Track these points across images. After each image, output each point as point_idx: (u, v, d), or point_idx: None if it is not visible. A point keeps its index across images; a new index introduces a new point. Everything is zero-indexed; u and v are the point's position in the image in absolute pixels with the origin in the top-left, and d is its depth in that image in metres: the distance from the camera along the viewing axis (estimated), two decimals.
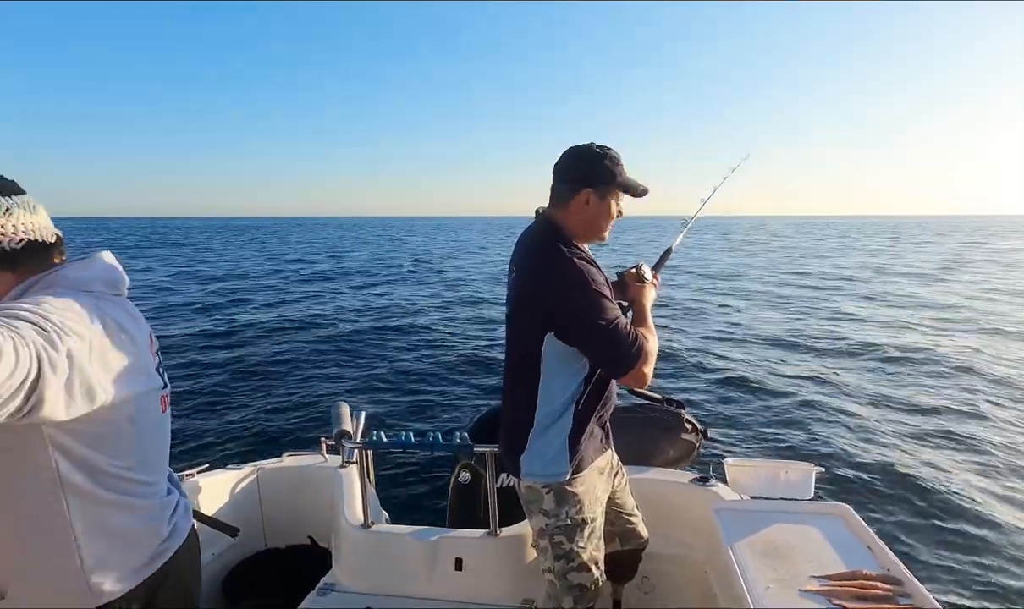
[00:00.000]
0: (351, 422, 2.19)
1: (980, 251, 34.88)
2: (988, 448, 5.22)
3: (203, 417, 6.31)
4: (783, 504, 1.81)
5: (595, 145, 1.55)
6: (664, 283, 1.86)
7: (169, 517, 1.17)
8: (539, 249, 1.56)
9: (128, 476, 1.06)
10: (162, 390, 1.15)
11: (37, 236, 1.03)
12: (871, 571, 1.43)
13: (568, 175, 1.56)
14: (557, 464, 1.55)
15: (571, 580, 1.59)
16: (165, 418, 1.17)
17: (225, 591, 2.26)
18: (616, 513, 1.83)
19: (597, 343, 1.47)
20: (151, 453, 1.12)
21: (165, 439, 1.19)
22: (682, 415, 2.33)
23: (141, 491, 1.09)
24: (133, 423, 1.05)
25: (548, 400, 1.55)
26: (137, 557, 1.09)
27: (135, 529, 1.09)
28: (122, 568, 1.06)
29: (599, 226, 1.58)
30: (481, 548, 2.00)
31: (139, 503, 1.09)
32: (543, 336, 1.50)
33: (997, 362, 8.13)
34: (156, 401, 1.12)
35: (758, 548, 1.58)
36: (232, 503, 2.35)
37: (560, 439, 1.55)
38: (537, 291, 1.51)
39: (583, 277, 1.46)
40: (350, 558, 2.12)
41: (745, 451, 5.17)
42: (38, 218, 1.05)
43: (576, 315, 1.46)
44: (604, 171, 1.53)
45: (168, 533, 1.16)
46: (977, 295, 15.36)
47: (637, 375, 1.49)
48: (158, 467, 1.16)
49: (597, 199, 1.53)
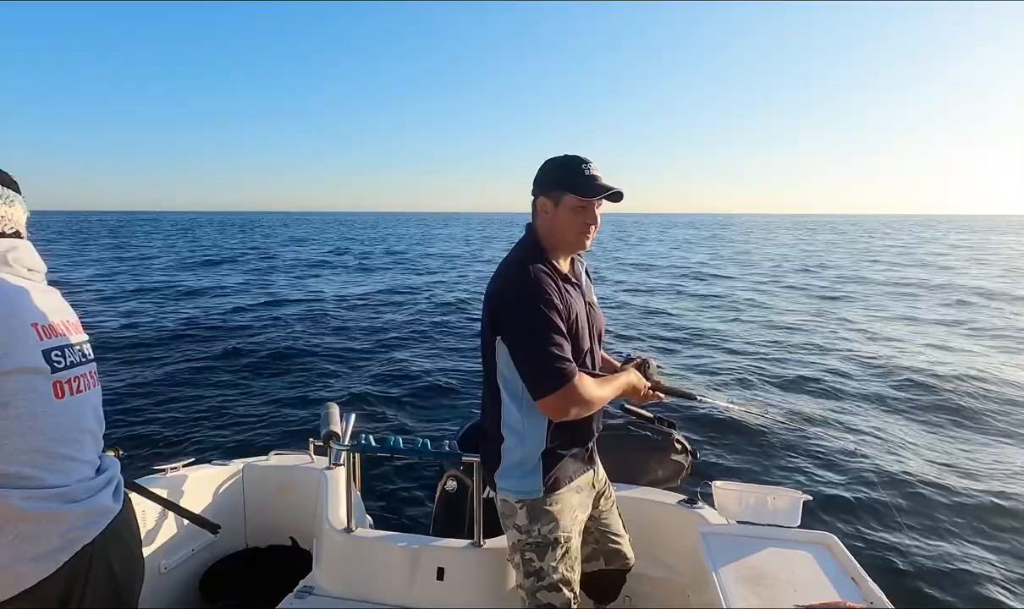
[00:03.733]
0: (340, 424, 2.18)
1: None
2: (982, 478, 5.22)
3: (192, 411, 6.26)
4: (769, 531, 1.81)
5: (562, 155, 1.55)
6: (661, 289, 1.85)
7: (84, 501, 1.12)
8: (505, 261, 1.59)
9: (5, 470, 1.01)
10: (54, 375, 1.10)
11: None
12: (854, 603, 1.43)
13: (533, 188, 1.59)
14: (530, 481, 1.54)
15: (540, 599, 1.56)
16: (66, 403, 1.12)
17: (203, 588, 2.23)
18: (601, 532, 1.81)
19: (520, 356, 1.46)
20: (44, 439, 1.07)
21: (75, 425, 1.14)
22: (672, 435, 2.32)
23: (32, 479, 1.04)
24: (6, 407, 1.01)
25: (510, 411, 1.55)
26: (39, 547, 1.04)
27: (26, 519, 1.02)
28: (22, 559, 1.02)
29: (565, 234, 1.55)
30: (464, 558, 1.98)
31: (24, 493, 1.03)
32: (494, 341, 1.51)
33: (995, 386, 8.14)
34: (41, 384, 1.08)
35: (742, 573, 1.57)
36: (215, 499, 2.33)
37: (533, 456, 1.54)
38: (490, 297, 1.53)
39: (531, 288, 1.45)
40: (331, 561, 2.09)
41: (733, 474, 5.15)
42: (10, 210, 1.15)
43: (511, 322, 1.47)
44: (555, 176, 1.53)
45: (82, 522, 1.10)
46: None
47: (552, 405, 1.44)
48: (61, 452, 1.10)
49: (552, 205, 1.53)
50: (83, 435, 1.17)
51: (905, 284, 18.63)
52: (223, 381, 7.40)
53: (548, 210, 1.54)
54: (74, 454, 1.13)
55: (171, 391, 6.92)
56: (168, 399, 6.63)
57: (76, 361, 1.17)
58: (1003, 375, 8.31)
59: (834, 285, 18.44)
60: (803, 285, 18.50)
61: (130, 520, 1.26)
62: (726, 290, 17.20)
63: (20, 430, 1.04)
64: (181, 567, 2.19)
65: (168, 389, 6.99)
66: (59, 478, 1.09)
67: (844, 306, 14.82)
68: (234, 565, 2.37)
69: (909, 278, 20.30)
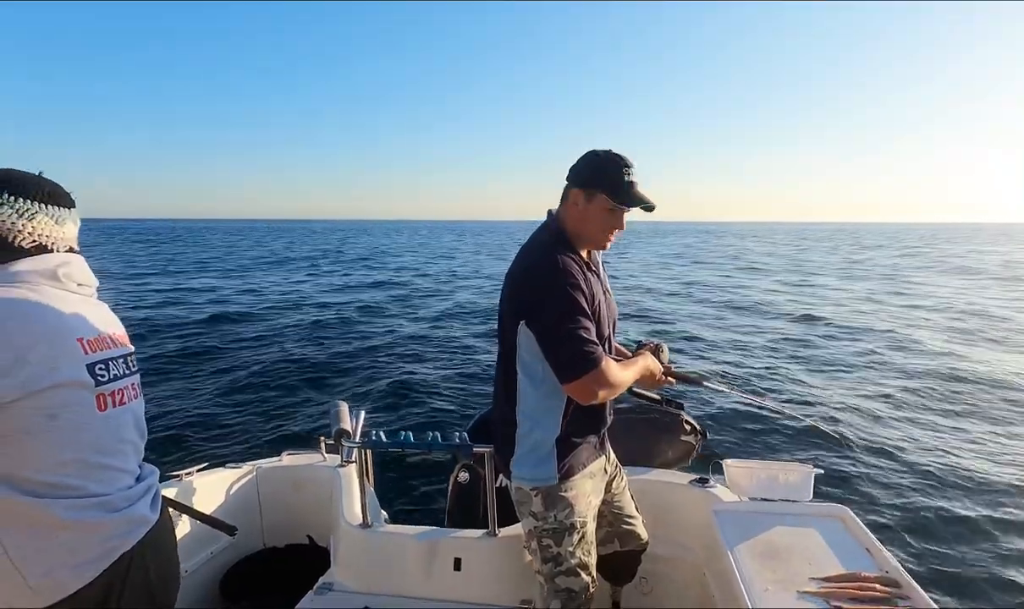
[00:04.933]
0: (350, 421, 2.19)
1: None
2: (992, 451, 5.22)
3: (203, 416, 6.30)
4: (782, 506, 1.81)
5: (605, 151, 1.53)
6: (671, 279, 1.85)
7: (124, 510, 1.14)
8: (529, 244, 1.58)
9: (50, 480, 1.04)
10: (98, 388, 1.13)
11: (44, 243, 1.15)
12: (869, 573, 1.43)
13: (569, 174, 1.57)
14: (545, 468, 1.55)
15: (559, 584, 1.58)
16: (108, 416, 1.15)
17: (223, 590, 2.26)
18: (615, 515, 1.83)
19: (549, 340, 1.45)
20: (88, 451, 1.10)
21: (117, 436, 1.17)
22: (681, 416, 2.32)
23: (75, 489, 1.07)
24: (54, 419, 1.04)
25: (527, 396, 1.55)
26: (80, 555, 1.07)
27: (69, 528, 1.06)
28: (64, 566, 1.05)
29: (590, 230, 1.54)
30: (480, 548, 1.99)
31: (67, 503, 1.06)
32: (517, 326, 1.50)
33: (1002, 369, 8.13)
34: (85, 397, 1.10)
35: (757, 550, 1.58)
36: (230, 502, 2.35)
37: (548, 443, 1.55)
38: (513, 279, 1.53)
39: (557, 272, 1.45)
40: (348, 557, 2.11)
41: (744, 452, 5.16)
42: (60, 229, 1.18)
43: (540, 307, 1.46)
44: (594, 173, 1.51)
45: (122, 530, 1.13)
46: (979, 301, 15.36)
47: (581, 389, 1.44)
48: (104, 462, 1.13)
49: (585, 200, 1.52)
50: (125, 445, 1.20)
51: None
52: (231, 386, 7.43)
53: (579, 203, 1.53)
54: (116, 464, 1.16)
55: (181, 398, 6.95)
56: (179, 406, 6.67)
57: (119, 374, 1.20)
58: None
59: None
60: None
61: (167, 528, 1.29)
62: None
63: (66, 441, 1.06)
64: (201, 570, 2.21)
65: (178, 396, 7.03)
66: (101, 487, 1.12)
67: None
68: (253, 565, 2.39)
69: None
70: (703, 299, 15.56)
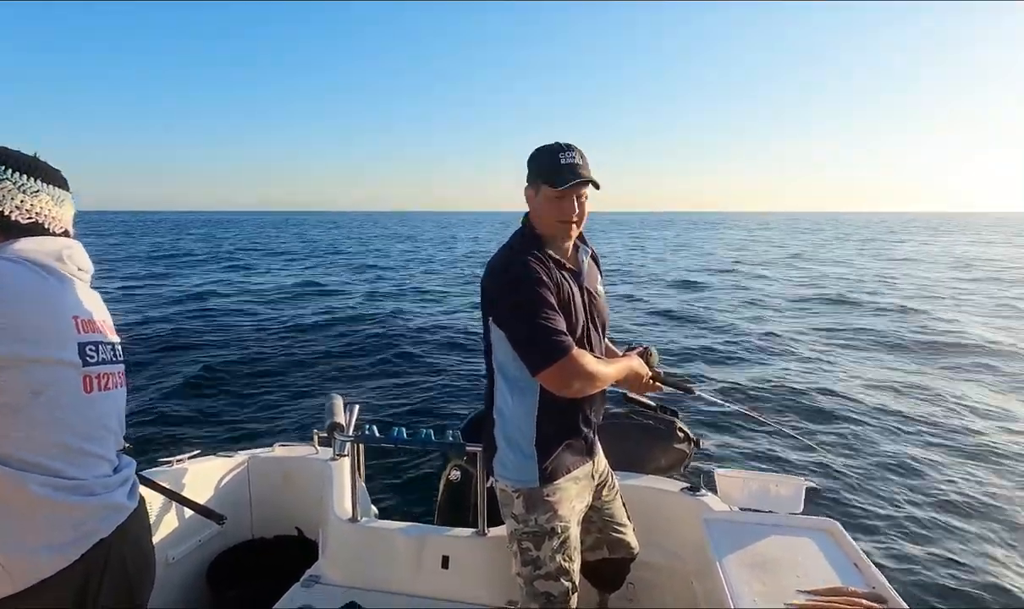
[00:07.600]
0: (344, 415, 2.19)
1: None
2: (985, 467, 5.22)
3: (197, 404, 6.30)
4: (772, 517, 1.81)
5: (545, 144, 1.57)
6: (650, 282, 1.85)
7: (100, 496, 1.13)
8: (501, 246, 1.62)
9: (29, 459, 1.02)
10: (85, 368, 1.12)
11: (43, 222, 1.16)
12: (857, 588, 1.43)
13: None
14: (526, 470, 1.55)
15: (537, 587, 1.57)
16: (94, 399, 1.14)
17: (209, 578, 2.25)
18: (605, 522, 1.81)
19: (514, 334, 1.47)
20: (68, 433, 1.08)
21: (99, 422, 1.16)
22: (675, 423, 2.32)
23: (52, 469, 1.05)
24: (38, 396, 1.03)
25: (503, 395, 1.57)
26: (55, 536, 1.05)
27: (42, 505, 1.04)
28: (38, 547, 1.03)
29: (547, 223, 1.56)
30: (468, 547, 1.99)
31: (42, 480, 1.04)
32: (488, 323, 1.54)
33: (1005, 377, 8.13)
34: (72, 376, 1.10)
35: (745, 560, 1.58)
36: (221, 491, 2.35)
37: (526, 443, 1.55)
38: (483, 281, 1.57)
39: (517, 269, 1.48)
40: (337, 551, 2.11)
41: (736, 462, 5.16)
42: (59, 210, 1.19)
43: (503, 304, 1.49)
44: (533, 167, 1.56)
45: (98, 515, 1.12)
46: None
47: (552, 377, 1.44)
48: (84, 448, 1.12)
49: (534, 196, 1.56)
50: (106, 433, 1.19)
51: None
52: (228, 375, 7.42)
53: (531, 200, 1.58)
54: (96, 451, 1.15)
55: (175, 385, 6.95)
56: (172, 393, 6.66)
57: (107, 359, 1.19)
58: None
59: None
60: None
61: (143, 518, 1.28)
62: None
63: (48, 420, 1.05)
64: (188, 558, 2.21)
65: (172, 383, 7.03)
66: (78, 472, 1.11)
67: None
68: (240, 555, 2.39)
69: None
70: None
